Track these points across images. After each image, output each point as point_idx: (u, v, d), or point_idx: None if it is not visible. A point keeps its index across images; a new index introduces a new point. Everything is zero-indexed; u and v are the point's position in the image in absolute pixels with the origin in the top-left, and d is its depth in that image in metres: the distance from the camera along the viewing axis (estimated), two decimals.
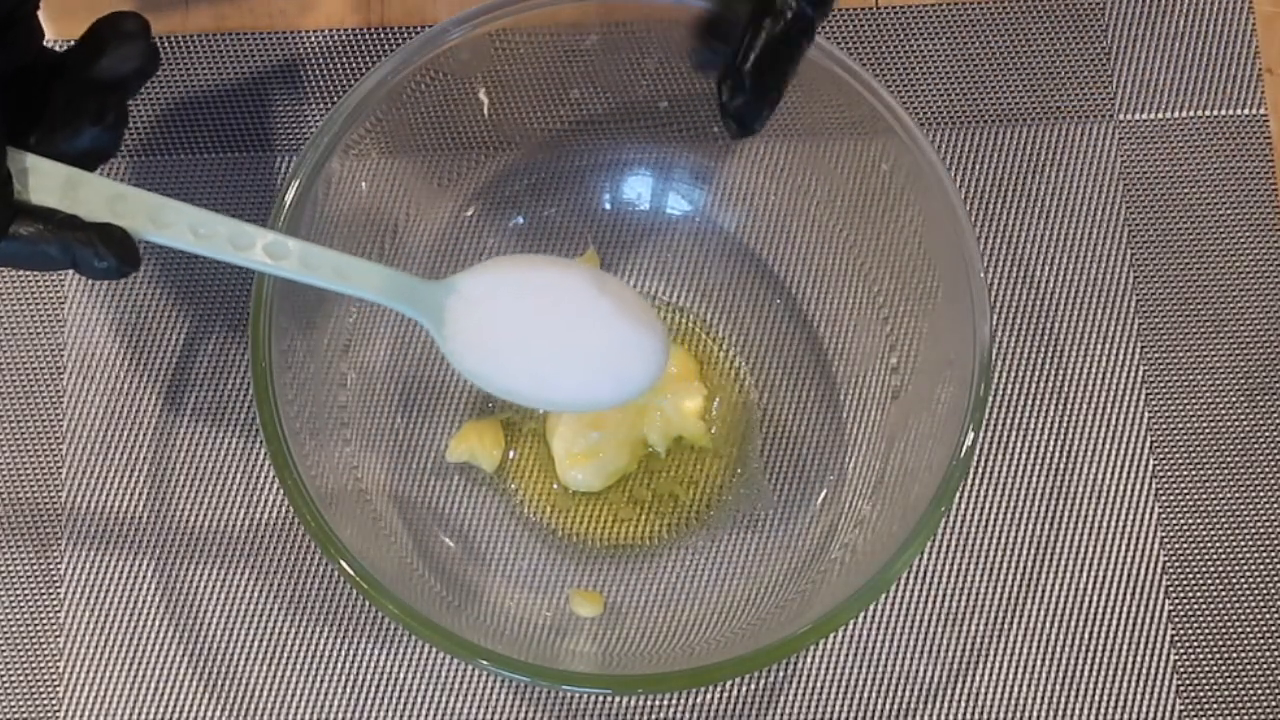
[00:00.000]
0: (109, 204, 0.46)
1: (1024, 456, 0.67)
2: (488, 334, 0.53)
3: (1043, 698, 0.65)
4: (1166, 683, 0.65)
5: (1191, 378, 0.68)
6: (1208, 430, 0.67)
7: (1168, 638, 0.65)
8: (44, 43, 0.49)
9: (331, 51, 0.70)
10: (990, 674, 0.65)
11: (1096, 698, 0.65)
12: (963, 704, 0.64)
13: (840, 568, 0.61)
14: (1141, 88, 0.70)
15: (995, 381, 0.67)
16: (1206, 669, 0.65)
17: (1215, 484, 0.67)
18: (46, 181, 0.46)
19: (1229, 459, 0.67)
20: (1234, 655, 0.65)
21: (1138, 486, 0.66)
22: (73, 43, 0.49)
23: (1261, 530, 0.66)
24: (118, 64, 0.47)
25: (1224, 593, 0.66)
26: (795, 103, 0.63)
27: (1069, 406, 0.67)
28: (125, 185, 0.47)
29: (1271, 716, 0.65)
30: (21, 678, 0.64)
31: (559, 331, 0.53)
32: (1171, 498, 0.66)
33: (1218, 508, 0.66)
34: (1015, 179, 0.69)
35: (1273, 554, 0.66)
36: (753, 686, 0.65)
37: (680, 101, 0.66)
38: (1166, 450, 0.67)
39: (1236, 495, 0.67)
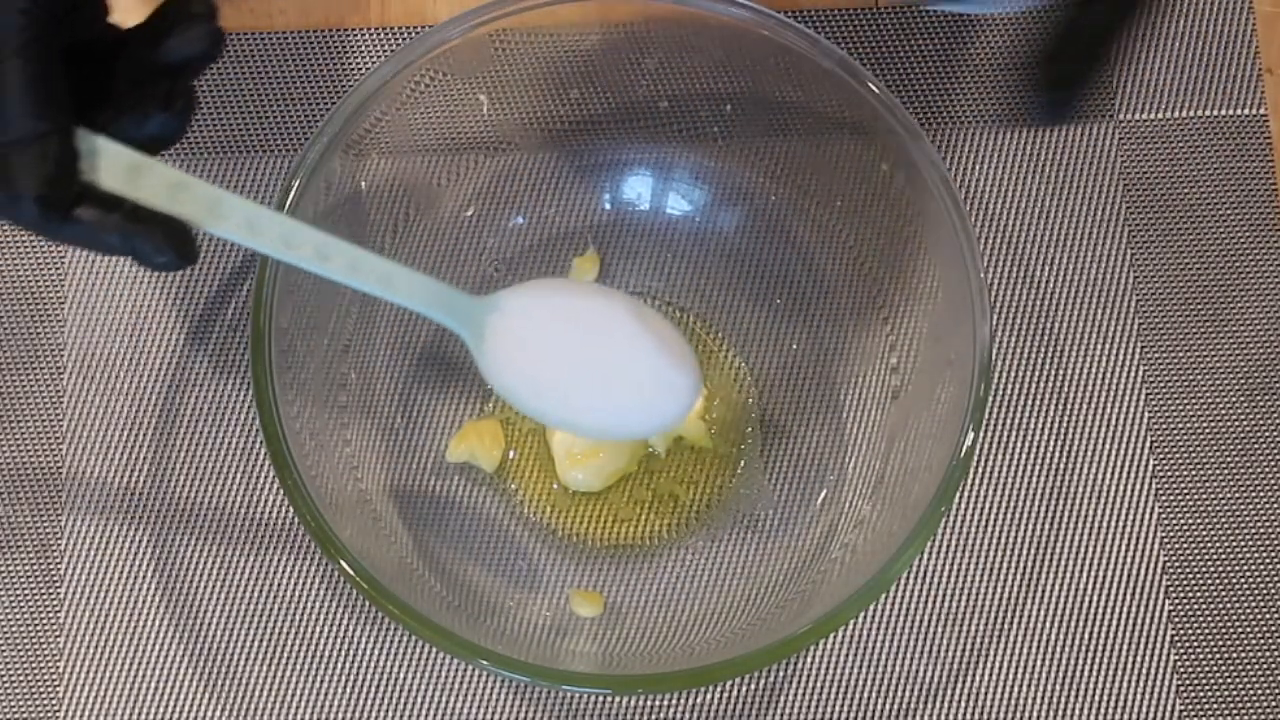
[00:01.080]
0: (170, 192, 0.46)
1: (1024, 456, 0.67)
2: (525, 354, 0.53)
3: (1043, 698, 0.65)
4: (1166, 683, 0.65)
5: (1191, 378, 0.68)
6: (1208, 430, 0.67)
7: (1168, 638, 0.65)
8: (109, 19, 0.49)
9: (331, 51, 0.70)
10: (990, 674, 0.65)
11: (1096, 698, 0.65)
12: (963, 704, 0.64)
13: (840, 568, 0.61)
14: (1141, 88, 0.70)
15: (995, 381, 0.67)
16: (1206, 669, 0.65)
17: (1215, 484, 0.67)
18: (112, 164, 0.46)
19: (1229, 459, 0.67)
20: (1234, 655, 0.65)
21: (1138, 486, 0.66)
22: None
23: (1261, 530, 0.66)
24: (184, 46, 0.47)
25: (1224, 593, 0.66)
26: (795, 102, 0.63)
27: (1069, 406, 0.67)
28: (187, 175, 0.47)
29: (1271, 716, 0.65)
30: (21, 678, 0.64)
31: (596, 359, 0.53)
32: (1171, 498, 0.66)
33: (1218, 508, 0.66)
34: (1015, 179, 0.69)
35: (1273, 554, 0.66)
36: (753, 686, 0.65)
37: (680, 101, 0.66)
38: (1166, 450, 0.67)
39: (1236, 495, 0.67)
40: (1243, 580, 0.66)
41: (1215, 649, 0.65)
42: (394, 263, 0.50)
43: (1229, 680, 0.65)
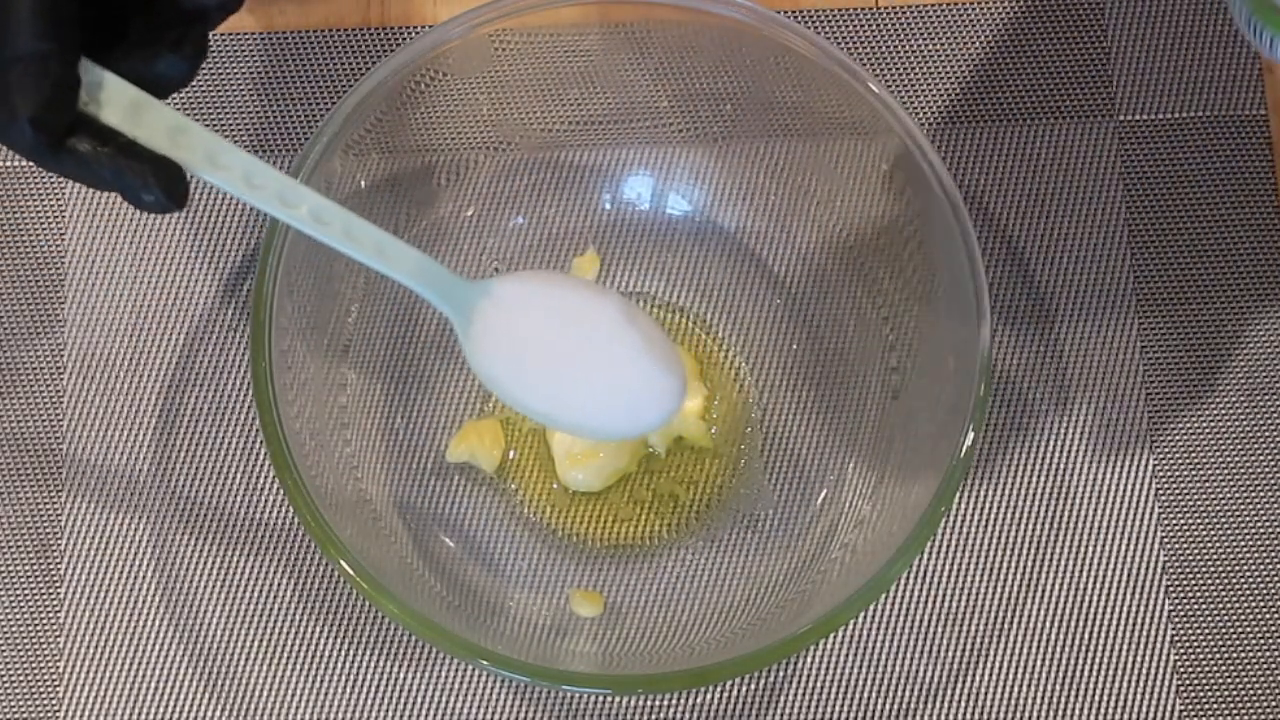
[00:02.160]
0: (170, 134, 0.46)
1: (1024, 456, 0.67)
2: (512, 344, 0.52)
3: (1043, 698, 0.65)
4: (1166, 683, 0.65)
5: (1191, 378, 0.68)
6: (1208, 430, 0.67)
7: (1168, 638, 0.65)
8: None
9: (331, 51, 0.70)
10: (990, 674, 0.65)
11: (1096, 698, 0.65)
12: (963, 704, 0.64)
13: (840, 568, 0.61)
14: (1141, 88, 0.70)
15: (995, 381, 0.67)
16: (1206, 669, 0.65)
17: (1215, 484, 0.67)
18: (114, 99, 0.46)
19: (1229, 459, 0.67)
20: (1234, 655, 0.65)
21: (1138, 486, 0.66)
22: None
23: (1261, 530, 0.66)
24: None
25: (1224, 593, 0.66)
26: (795, 103, 0.63)
27: (1069, 406, 0.67)
28: (189, 119, 0.47)
29: (1271, 716, 0.65)
30: (21, 678, 0.64)
31: (583, 355, 0.53)
32: (1171, 498, 0.66)
33: (1218, 508, 0.66)
34: (1015, 178, 0.69)
35: (1273, 554, 0.66)
36: (753, 686, 0.65)
37: (680, 101, 0.66)
38: (1166, 450, 0.67)
39: (1236, 495, 0.67)
40: (1243, 580, 0.66)
41: (1215, 649, 0.65)
42: (390, 235, 0.50)
43: (1229, 680, 0.65)
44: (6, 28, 0.44)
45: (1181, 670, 0.65)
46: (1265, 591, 0.66)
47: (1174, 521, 0.66)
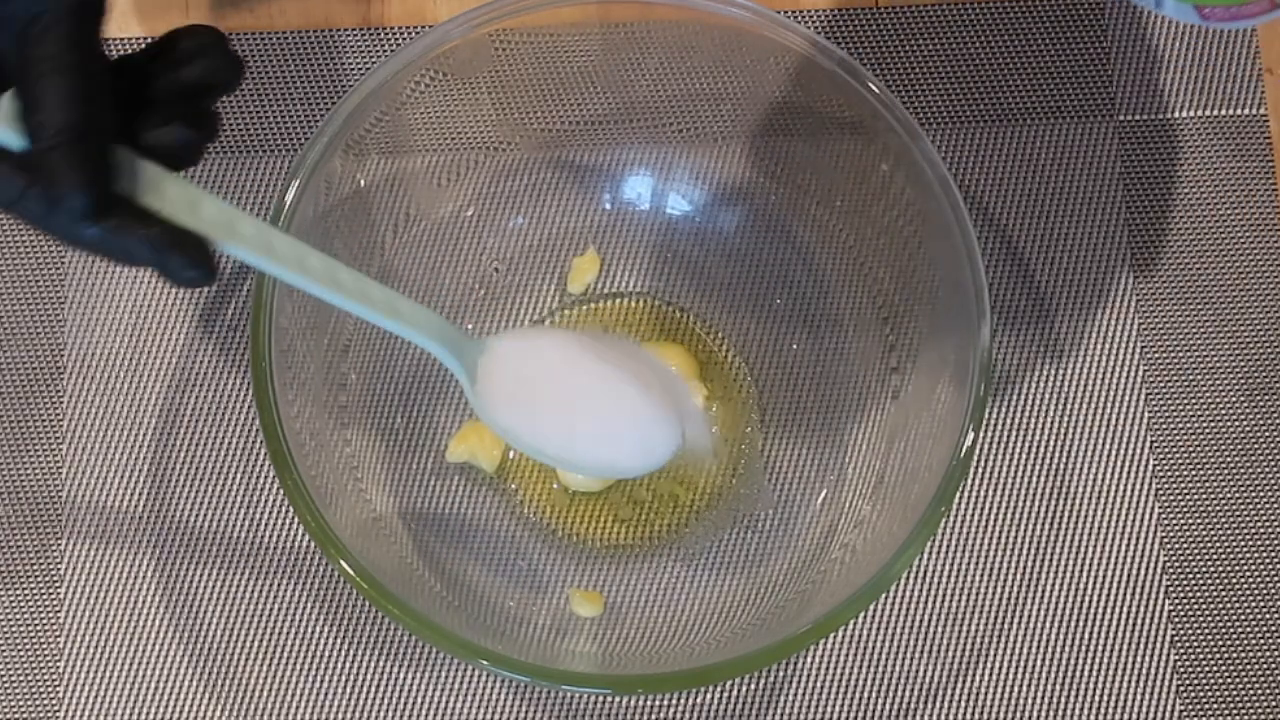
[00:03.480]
0: (191, 209, 0.47)
1: (1024, 456, 0.67)
2: (518, 394, 0.54)
3: (1043, 698, 0.65)
4: (1166, 683, 0.65)
5: (1191, 378, 0.68)
6: (1208, 430, 0.67)
7: (1168, 638, 0.65)
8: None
9: (331, 51, 0.70)
10: (990, 674, 0.65)
11: (1096, 698, 0.65)
12: (963, 704, 0.64)
13: (840, 568, 0.61)
14: (1141, 88, 0.70)
15: (995, 381, 0.67)
16: (1206, 669, 0.65)
17: (1215, 484, 0.67)
18: (138, 177, 0.46)
19: (1229, 459, 0.67)
20: (1234, 655, 0.65)
21: (1138, 486, 0.66)
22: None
23: (1262, 530, 0.66)
24: (208, 74, 0.48)
25: (1224, 593, 0.66)
26: (795, 103, 0.63)
27: (1069, 406, 0.67)
28: (206, 192, 0.47)
29: (1271, 716, 0.65)
30: (21, 678, 0.64)
31: (588, 400, 0.55)
32: (1171, 498, 0.66)
33: (1218, 508, 0.66)
34: (1015, 178, 0.69)
35: (1273, 554, 0.66)
36: (753, 686, 0.65)
37: (680, 101, 0.66)
38: (1166, 450, 0.67)
39: (1237, 495, 0.67)
40: (1243, 580, 0.66)
41: (1215, 649, 0.65)
42: (400, 295, 0.51)
43: (1229, 680, 0.65)
44: (43, 112, 0.44)
45: (1181, 670, 0.65)
46: (1265, 591, 0.66)
47: (1174, 521, 0.66)
